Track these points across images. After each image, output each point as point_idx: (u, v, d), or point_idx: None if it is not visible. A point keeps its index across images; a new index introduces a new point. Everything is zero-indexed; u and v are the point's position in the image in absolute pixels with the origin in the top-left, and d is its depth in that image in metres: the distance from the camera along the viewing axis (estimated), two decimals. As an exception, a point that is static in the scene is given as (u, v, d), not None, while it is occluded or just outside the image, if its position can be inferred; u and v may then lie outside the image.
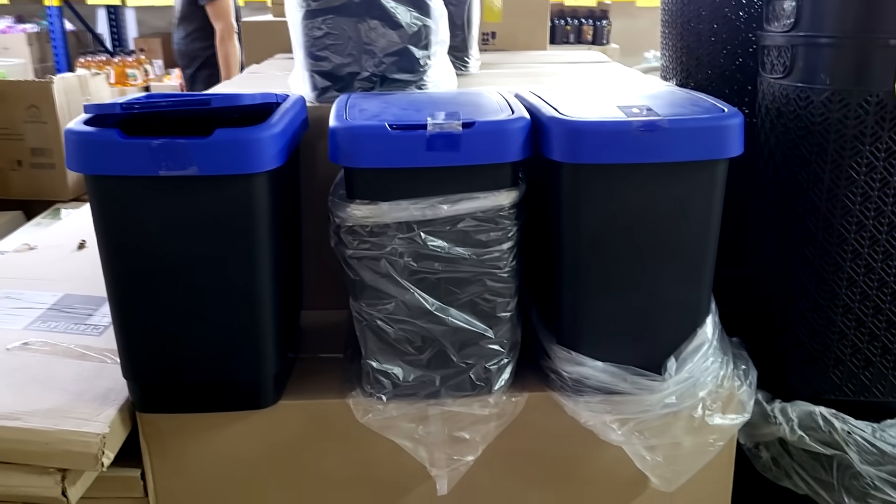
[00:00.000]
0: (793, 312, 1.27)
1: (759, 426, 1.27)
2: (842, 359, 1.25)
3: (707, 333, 1.18)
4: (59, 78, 2.70)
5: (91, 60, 5.67)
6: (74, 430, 1.12)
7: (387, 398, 1.18)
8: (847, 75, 1.14)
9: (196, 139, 1.02)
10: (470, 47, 1.89)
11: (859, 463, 1.20)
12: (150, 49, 6.31)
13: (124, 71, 5.63)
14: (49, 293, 1.55)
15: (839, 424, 1.21)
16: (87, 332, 1.40)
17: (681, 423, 1.19)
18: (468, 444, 1.20)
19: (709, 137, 1.06)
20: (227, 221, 1.08)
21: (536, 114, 1.13)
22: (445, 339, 1.15)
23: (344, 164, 1.09)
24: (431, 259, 1.11)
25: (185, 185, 1.05)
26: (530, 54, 2.34)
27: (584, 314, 1.16)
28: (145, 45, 6.30)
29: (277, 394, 1.21)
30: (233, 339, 1.14)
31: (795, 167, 1.22)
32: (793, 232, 1.24)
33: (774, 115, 1.26)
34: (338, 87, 1.41)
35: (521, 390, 1.21)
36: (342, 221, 1.11)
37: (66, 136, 1.05)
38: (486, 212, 1.10)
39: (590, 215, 1.11)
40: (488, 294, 1.14)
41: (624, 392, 1.16)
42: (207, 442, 1.22)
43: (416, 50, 1.40)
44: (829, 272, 1.21)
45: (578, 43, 5.36)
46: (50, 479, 1.11)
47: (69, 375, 1.25)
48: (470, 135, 1.06)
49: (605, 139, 1.05)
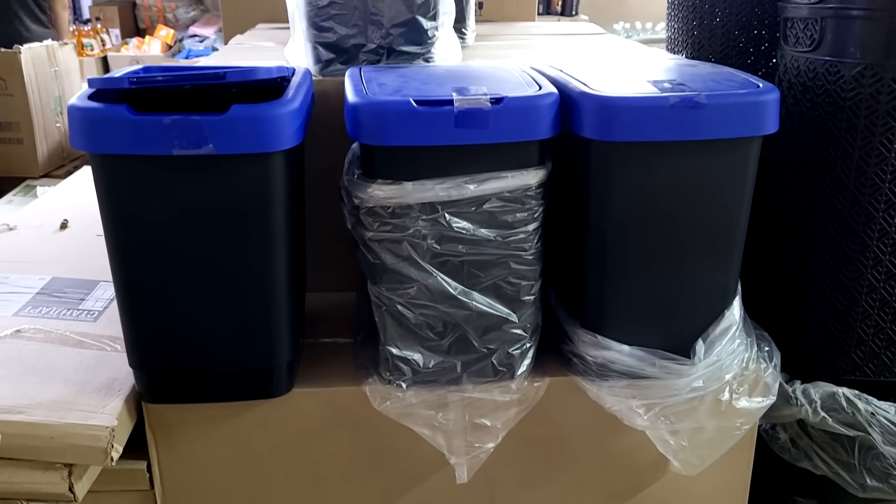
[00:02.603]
0: (815, 292, 1.25)
1: (779, 408, 1.26)
2: (864, 339, 1.23)
3: (735, 315, 1.15)
4: (26, 48, 2.57)
5: (45, 29, 5.45)
6: (81, 423, 1.06)
7: (406, 385, 1.14)
8: (879, 49, 1.12)
9: (212, 116, 0.96)
10: (467, 18, 1.84)
11: (882, 444, 1.19)
12: (106, 18, 6.08)
13: (80, 41, 5.41)
14: (36, 276, 1.48)
15: (863, 405, 1.20)
16: (81, 317, 1.33)
17: (706, 407, 1.17)
18: (489, 430, 1.16)
19: (747, 114, 1.03)
20: (242, 203, 1.02)
21: (564, 89, 1.08)
22: (468, 324, 1.11)
23: (366, 141, 1.03)
24: (455, 241, 1.07)
25: (199, 165, 0.99)
26: (523, 25, 2.29)
27: (610, 297, 1.13)
28: (101, 14, 6.05)
29: (290, 382, 1.16)
30: (246, 326, 1.09)
31: (822, 144, 1.19)
32: (818, 210, 1.22)
33: (799, 89, 1.23)
34: (342, 59, 1.34)
35: (543, 375, 1.18)
36: (362, 202, 1.05)
37: (70, 112, 0.98)
38: (512, 192, 1.05)
39: (620, 195, 1.07)
40: (512, 277, 1.10)
41: (651, 376, 1.13)
42: (216, 432, 1.17)
43: (425, 21, 1.34)
44: (855, 251, 1.19)
45: (548, 14, 5.27)
46: (56, 474, 1.06)
47: (68, 365, 1.19)
48: (499, 111, 1.01)
49: (641, 115, 1.01)
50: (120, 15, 6.20)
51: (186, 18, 6.35)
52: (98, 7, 6.25)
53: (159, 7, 6.45)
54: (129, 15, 6.42)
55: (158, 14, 6.44)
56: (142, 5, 6.44)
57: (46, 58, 2.69)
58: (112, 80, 1.00)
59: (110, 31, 6.02)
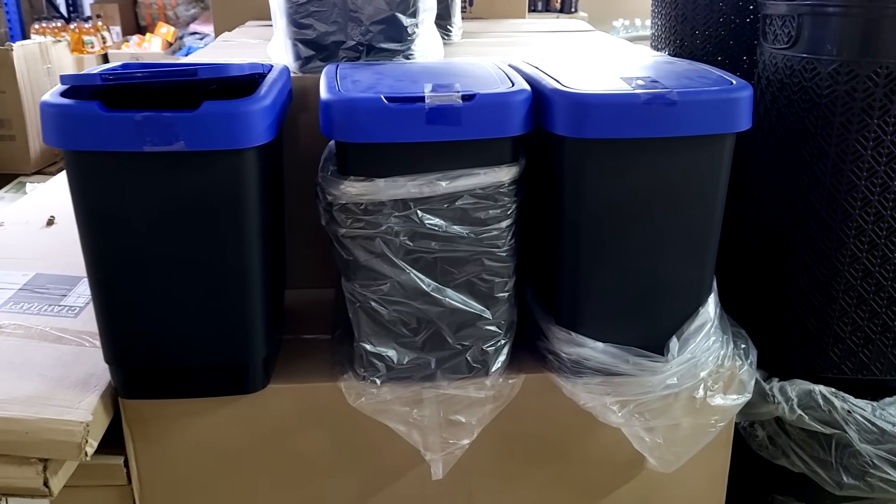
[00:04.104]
0: (792, 289, 1.25)
1: (756, 405, 1.26)
2: (841, 336, 1.23)
3: (709, 312, 1.15)
4: (18, 45, 2.57)
5: (46, 27, 5.46)
6: (56, 418, 1.06)
7: (380, 381, 1.14)
8: (856, 46, 1.11)
9: (183, 112, 0.96)
10: (453, 15, 1.84)
11: (859, 441, 1.19)
12: (107, 15, 6.09)
13: (81, 38, 5.42)
14: (19, 272, 1.48)
15: (839, 403, 1.20)
16: (62, 313, 1.33)
17: (681, 404, 1.17)
18: (464, 427, 1.16)
19: (719, 111, 1.03)
20: (215, 200, 1.02)
21: (537, 86, 1.08)
22: (441, 321, 1.11)
23: (338, 138, 1.04)
24: (428, 238, 1.07)
25: (171, 162, 0.99)
26: (511, 23, 2.28)
27: (584, 294, 1.13)
28: (102, 11, 6.07)
29: (266, 378, 1.17)
30: (221, 321, 1.09)
31: (799, 141, 1.19)
32: (795, 207, 1.21)
33: (777, 87, 1.22)
34: (321, 56, 1.35)
35: (518, 372, 1.18)
36: (335, 199, 1.06)
37: (42, 108, 0.98)
38: (485, 188, 1.06)
39: (593, 191, 1.07)
40: (486, 274, 1.10)
41: (625, 373, 1.13)
42: (193, 428, 1.18)
43: (404, 18, 1.34)
44: (831, 249, 1.19)
45: (547, 11, 5.26)
46: (31, 469, 1.06)
47: (47, 360, 1.19)
48: (470, 108, 1.01)
49: (612, 113, 1.01)
50: (121, 12, 6.22)
51: (187, 16, 6.36)
52: (99, 4, 6.27)
53: (160, 4, 6.46)
54: (129, 12, 6.44)
55: (159, 11, 6.45)
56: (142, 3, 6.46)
57: (39, 55, 2.70)
58: (84, 77, 1.00)
59: (111, 28, 6.04)
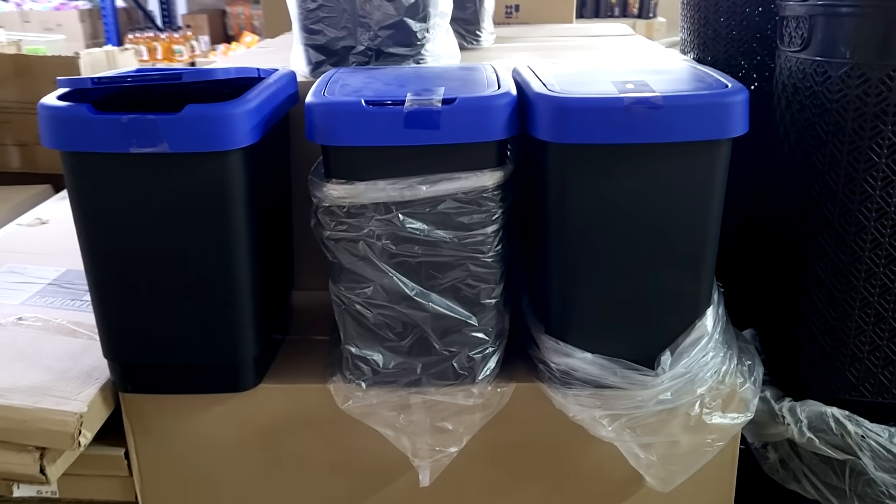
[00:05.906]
0: (806, 304, 1.18)
1: (766, 426, 1.20)
2: (859, 356, 1.16)
3: (707, 326, 1.10)
4: (85, 53, 2.69)
5: (140, 37, 5.76)
6: (53, 408, 1.10)
7: (366, 385, 1.14)
8: (869, 48, 1.05)
9: (166, 115, 0.99)
10: (482, 20, 1.82)
11: (874, 469, 1.12)
12: (196, 25, 6.40)
13: (171, 47, 5.71)
14: (52, 268, 1.55)
15: (852, 427, 1.13)
16: (81, 308, 1.39)
17: (677, 421, 1.12)
18: (452, 434, 1.15)
19: (708, 115, 0.98)
20: (200, 201, 1.04)
21: (524, 89, 1.06)
22: (427, 326, 1.10)
23: (319, 141, 1.04)
24: (411, 242, 1.06)
25: (157, 163, 1.02)
26: (551, 28, 2.25)
27: (572, 303, 1.10)
28: (192, 22, 6.38)
29: (258, 377, 1.18)
30: (210, 320, 1.11)
31: (811, 148, 1.12)
32: (807, 218, 1.15)
33: (791, 91, 1.16)
34: (332, 61, 1.36)
35: (509, 380, 1.16)
36: (319, 201, 1.06)
37: (39, 110, 1.03)
38: (467, 193, 1.04)
39: (578, 198, 1.04)
40: (472, 279, 1.09)
41: (614, 386, 1.09)
42: (189, 423, 1.20)
43: (413, 22, 1.34)
44: (846, 262, 1.12)
45: (624, 16, 5.15)
46: (28, 456, 1.10)
47: (56, 352, 1.24)
48: (450, 111, 1.00)
49: (595, 117, 0.98)
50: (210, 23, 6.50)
51: (271, 25, 6.54)
52: (190, 15, 6.58)
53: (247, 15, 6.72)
54: (218, 23, 6.72)
55: (246, 21, 6.71)
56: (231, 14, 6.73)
57: (105, 62, 2.82)
58: (78, 81, 1.04)
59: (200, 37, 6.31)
